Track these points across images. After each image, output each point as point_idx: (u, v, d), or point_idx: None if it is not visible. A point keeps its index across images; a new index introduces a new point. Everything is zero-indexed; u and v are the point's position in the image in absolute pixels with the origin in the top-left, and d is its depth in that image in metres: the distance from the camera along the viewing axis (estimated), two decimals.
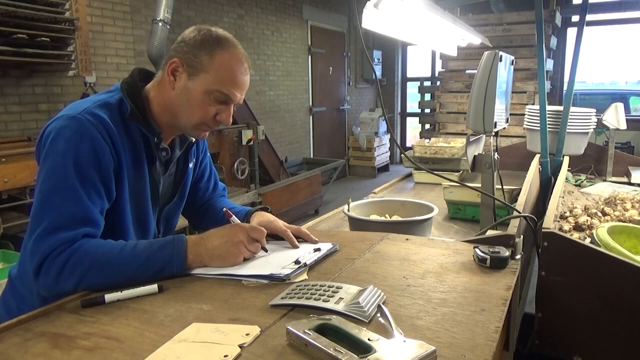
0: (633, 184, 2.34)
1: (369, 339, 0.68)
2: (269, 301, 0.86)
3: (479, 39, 2.79)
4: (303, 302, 0.83)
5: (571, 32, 6.98)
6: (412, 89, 8.81)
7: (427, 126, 7.10)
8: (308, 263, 1.03)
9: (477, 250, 1.03)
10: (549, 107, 2.39)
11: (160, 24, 3.67)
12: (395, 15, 1.67)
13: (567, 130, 2.41)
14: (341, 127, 8.07)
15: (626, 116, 2.71)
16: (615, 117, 2.60)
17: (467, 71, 5.51)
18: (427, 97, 7.58)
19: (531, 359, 1.32)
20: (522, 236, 1.14)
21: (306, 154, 7.10)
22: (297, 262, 1.03)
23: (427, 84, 7.93)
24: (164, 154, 1.14)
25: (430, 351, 0.65)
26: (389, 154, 8.44)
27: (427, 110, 7.58)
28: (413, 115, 9.10)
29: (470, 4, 4.62)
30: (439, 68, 5.88)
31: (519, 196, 1.68)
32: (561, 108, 2.45)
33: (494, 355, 0.69)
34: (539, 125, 2.35)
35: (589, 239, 1.49)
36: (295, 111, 6.83)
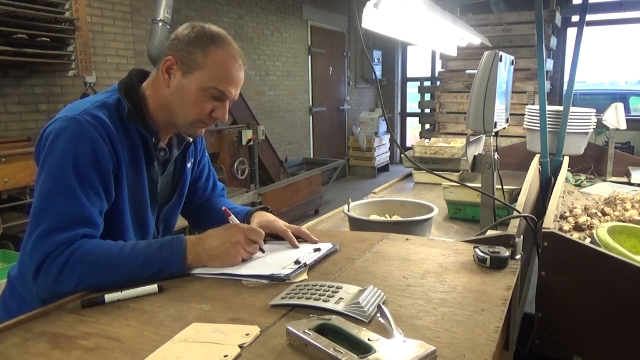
0: (633, 184, 2.34)
1: (369, 339, 0.68)
2: (269, 301, 0.86)
3: (479, 39, 2.79)
4: (303, 302, 0.83)
5: (571, 32, 6.98)
6: (412, 89, 8.81)
7: (427, 126, 7.10)
8: (308, 263, 1.03)
9: (477, 250, 1.03)
10: (549, 107, 2.39)
11: (160, 24, 3.68)
12: (395, 15, 1.67)
13: (567, 130, 2.41)
14: (341, 127, 8.06)
15: (626, 116, 2.71)
16: (615, 117, 2.60)
17: (467, 71, 5.50)
18: (427, 97, 7.58)
19: (531, 359, 1.31)
20: (522, 236, 1.14)
21: (306, 154, 7.10)
22: (297, 262, 1.03)
23: (427, 84, 7.92)
24: (162, 153, 1.14)
25: (430, 351, 0.65)
26: (389, 154, 8.44)
27: (427, 110, 7.58)
28: (413, 115, 9.10)
29: (470, 4, 4.62)
30: (439, 68, 5.88)
31: (519, 196, 1.68)
32: (561, 108, 2.45)
33: (494, 355, 0.69)
34: (539, 125, 2.35)
35: (589, 239, 1.49)
36: (295, 111, 6.83)
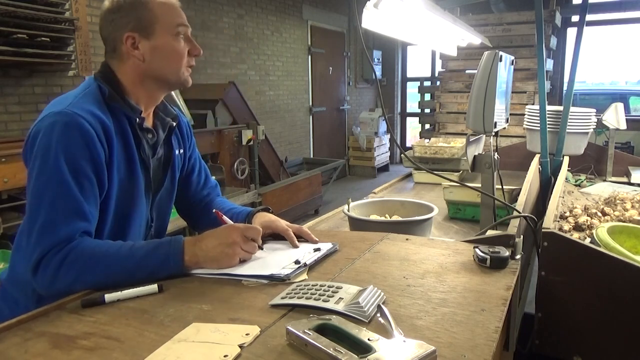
0: (633, 184, 2.34)
1: (368, 339, 0.68)
2: (269, 301, 0.86)
3: (479, 39, 2.79)
4: (303, 302, 0.83)
5: (571, 32, 6.98)
6: (412, 89, 8.80)
7: (427, 126, 7.09)
8: (308, 263, 1.03)
9: (477, 250, 1.03)
10: (549, 107, 2.39)
11: None
12: (395, 15, 1.67)
13: (567, 130, 2.41)
14: (341, 127, 8.06)
15: (626, 116, 2.71)
16: (615, 117, 2.60)
17: (467, 71, 5.50)
18: (427, 97, 7.57)
19: (531, 359, 1.31)
20: (522, 236, 1.14)
21: (306, 154, 7.10)
22: (297, 262, 1.03)
23: (427, 84, 7.92)
24: (149, 135, 1.15)
25: (430, 351, 0.65)
26: (389, 154, 8.43)
27: (427, 110, 7.58)
28: (413, 115, 9.09)
29: (470, 4, 4.62)
30: (439, 68, 5.87)
31: (519, 196, 1.68)
32: (561, 108, 2.45)
33: (494, 355, 0.69)
34: (539, 125, 2.35)
35: (589, 239, 1.49)
36: (295, 111, 6.83)
